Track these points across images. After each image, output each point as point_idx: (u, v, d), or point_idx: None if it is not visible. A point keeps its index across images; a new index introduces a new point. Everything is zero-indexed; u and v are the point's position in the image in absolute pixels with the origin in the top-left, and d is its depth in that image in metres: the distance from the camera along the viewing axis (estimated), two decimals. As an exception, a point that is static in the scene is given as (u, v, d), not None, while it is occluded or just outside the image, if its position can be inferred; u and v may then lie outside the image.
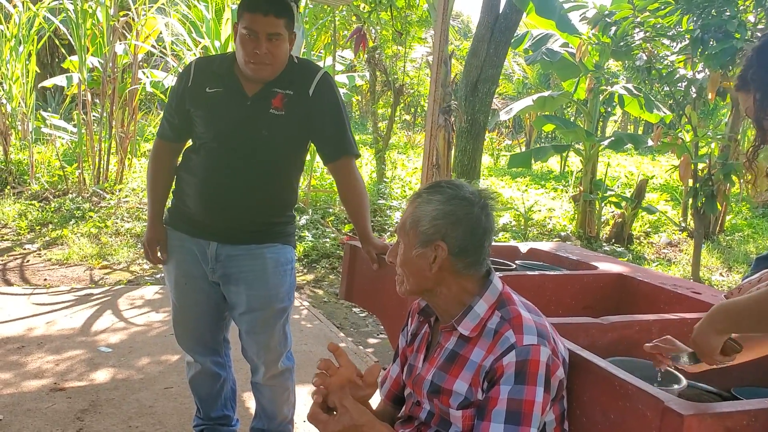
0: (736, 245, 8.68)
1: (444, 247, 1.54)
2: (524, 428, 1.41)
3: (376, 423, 1.51)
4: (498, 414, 1.43)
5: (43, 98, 12.90)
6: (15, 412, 3.08)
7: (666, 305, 2.33)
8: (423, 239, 1.55)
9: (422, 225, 1.55)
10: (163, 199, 2.60)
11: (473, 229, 1.55)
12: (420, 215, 1.56)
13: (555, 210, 10.01)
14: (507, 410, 1.42)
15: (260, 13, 2.24)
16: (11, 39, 8.12)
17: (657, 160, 20.72)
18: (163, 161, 2.57)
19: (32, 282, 5.23)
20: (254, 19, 2.25)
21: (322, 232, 7.21)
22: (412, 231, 1.57)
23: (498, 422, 1.42)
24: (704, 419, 1.31)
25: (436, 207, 1.55)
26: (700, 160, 6.46)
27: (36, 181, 8.24)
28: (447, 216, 1.54)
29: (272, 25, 2.25)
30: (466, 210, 1.55)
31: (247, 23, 2.26)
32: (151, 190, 2.59)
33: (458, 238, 1.54)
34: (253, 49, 2.26)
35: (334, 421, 1.48)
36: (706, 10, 5.93)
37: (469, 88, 8.84)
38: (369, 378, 1.58)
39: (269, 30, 2.25)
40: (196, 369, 2.68)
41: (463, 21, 28.34)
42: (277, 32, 2.26)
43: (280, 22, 2.27)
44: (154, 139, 2.59)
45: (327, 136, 2.47)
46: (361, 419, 1.49)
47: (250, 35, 2.26)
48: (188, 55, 8.60)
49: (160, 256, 2.58)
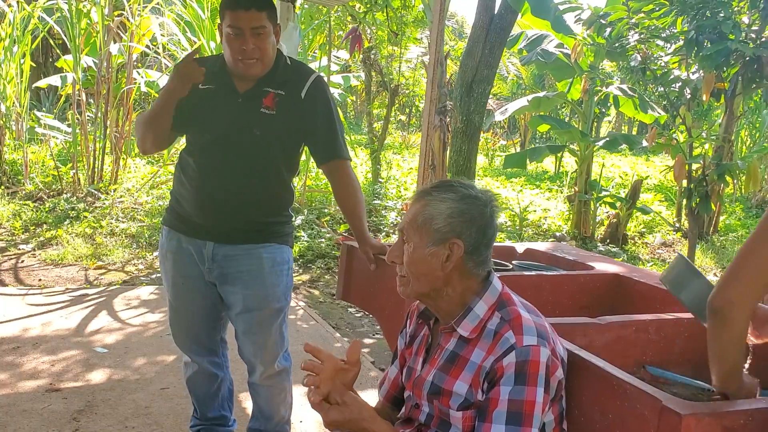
0: (730, 245, 8.71)
1: (461, 246, 1.53)
2: (525, 428, 1.42)
3: (377, 418, 1.52)
4: (499, 415, 1.43)
5: (38, 98, 12.86)
6: (11, 412, 3.08)
7: (662, 305, 2.34)
8: (436, 237, 1.54)
9: (436, 223, 1.54)
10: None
11: (485, 228, 1.56)
12: (433, 213, 1.55)
13: (550, 210, 10.03)
14: (508, 411, 1.43)
15: (241, 9, 2.24)
16: (5, 38, 8.08)
17: (651, 160, 20.79)
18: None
19: (27, 282, 5.22)
20: (236, 16, 2.25)
21: (318, 233, 7.21)
22: (424, 229, 1.55)
23: (499, 423, 1.43)
24: (702, 418, 1.32)
25: (450, 205, 1.54)
26: (694, 160, 6.48)
27: (30, 181, 8.21)
28: (462, 214, 1.54)
29: (255, 19, 2.25)
30: (480, 209, 1.56)
31: (231, 21, 2.26)
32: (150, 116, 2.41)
33: (472, 236, 1.54)
34: (240, 46, 2.27)
35: (336, 410, 1.50)
36: (701, 12, 5.95)
37: (464, 89, 8.82)
38: (352, 357, 1.59)
39: (253, 24, 2.25)
40: (193, 369, 2.68)
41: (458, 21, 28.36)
42: (261, 25, 2.27)
43: (262, 15, 2.27)
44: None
45: (319, 139, 2.47)
46: (362, 414, 1.50)
47: (235, 33, 2.26)
48: (183, 55, 8.58)
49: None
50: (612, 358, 1.66)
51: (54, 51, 12.04)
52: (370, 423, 1.50)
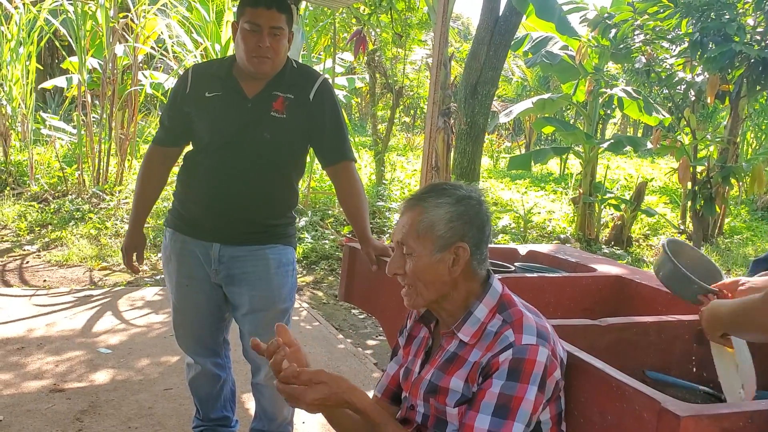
0: (734, 248, 8.69)
1: (466, 248, 1.54)
2: (509, 422, 1.42)
3: (355, 388, 1.51)
4: (487, 406, 1.43)
5: (43, 99, 12.91)
6: (15, 412, 3.09)
7: (664, 307, 2.34)
8: (441, 243, 1.54)
9: (438, 229, 1.54)
10: (148, 206, 2.64)
11: (483, 225, 1.57)
12: (433, 219, 1.54)
13: (554, 212, 10.02)
14: (496, 403, 1.43)
15: (263, 6, 2.28)
16: (12, 40, 8.13)
17: (656, 162, 20.75)
18: (155, 167, 2.59)
19: (32, 283, 5.24)
20: (257, 13, 2.28)
21: (322, 234, 7.22)
22: (427, 237, 1.54)
23: (486, 413, 1.43)
24: (701, 420, 1.32)
25: (448, 209, 1.55)
26: (698, 162, 6.48)
27: (36, 182, 8.24)
28: (462, 216, 1.55)
29: (275, 18, 2.29)
30: (477, 208, 1.57)
31: (250, 17, 2.29)
32: (138, 195, 2.61)
33: (474, 236, 1.55)
34: (256, 43, 2.29)
35: (314, 389, 1.46)
36: (706, 14, 5.95)
37: (468, 91, 8.85)
38: (285, 338, 1.54)
39: (272, 23, 2.29)
40: (196, 370, 2.69)
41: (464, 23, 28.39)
42: (279, 26, 2.30)
43: (281, 17, 2.31)
44: (149, 145, 2.61)
45: (326, 141, 2.49)
46: (340, 386, 1.48)
47: (253, 29, 2.29)
48: (188, 57, 8.62)
49: (136, 263, 2.63)
50: (613, 360, 1.66)
51: (60, 52, 12.07)
52: (350, 394, 1.49)
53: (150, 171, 2.59)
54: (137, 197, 2.61)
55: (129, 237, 2.62)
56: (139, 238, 2.62)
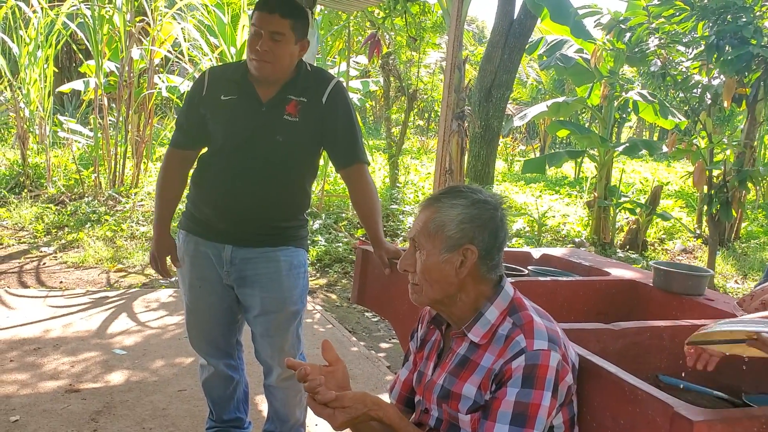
0: (751, 252, 8.61)
1: (475, 251, 1.54)
2: (528, 430, 1.42)
3: (381, 402, 1.51)
4: (504, 415, 1.44)
5: (61, 102, 13.03)
6: (31, 412, 3.12)
7: (678, 312, 2.33)
8: (450, 244, 1.54)
9: (449, 229, 1.54)
10: (171, 208, 2.64)
11: (497, 231, 1.57)
12: (445, 220, 1.55)
13: (569, 216, 9.98)
14: (513, 412, 1.43)
15: (266, 11, 2.31)
16: (30, 44, 8.21)
17: (672, 166, 20.63)
18: (174, 170, 2.59)
19: (48, 284, 5.29)
20: (260, 17, 2.32)
21: (335, 237, 7.23)
22: (437, 236, 1.55)
23: (503, 423, 1.43)
24: (714, 425, 1.31)
25: (461, 211, 1.55)
26: (715, 166, 6.43)
27: (53, 184, 8.32)
28: (474, 219, 1.55)
29: (276, 23, 2.30)
30: (491, 213, 1.57)
31: (254, 20, 2.34)
32: (160, 199, 2.61)
33: (485, 241, 1.55)
34: (254, 46, 2.32)
35: (341, 413, 1.46)
36: (722, 16, 5.91)
37: (483, 94, 8.83)
38: (329, 356, 1.55)
39: (272, 28, 2.30)
40: (210, 371, 2.70)
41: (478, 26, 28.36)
42: (280, 32, 2.31)
43: (285, 23, 2.31)
44: (167, 148, 2.62)
45: (339, 144, 2.50)
46: (366, 405, 1.47)
47: (255, 32, 2.33)
48: (204, 60, 8.67)
49: (171, 267, 2.61)
50: (626, 365, 1.66)
51: (77, 56, 12.20)
52: (377, 410, 1.49)
53: (169, 174, 2.60)
54: (159, 201, 2.61)
55: (157, 242, 2.61)
56: (168, 241, 2.61)
